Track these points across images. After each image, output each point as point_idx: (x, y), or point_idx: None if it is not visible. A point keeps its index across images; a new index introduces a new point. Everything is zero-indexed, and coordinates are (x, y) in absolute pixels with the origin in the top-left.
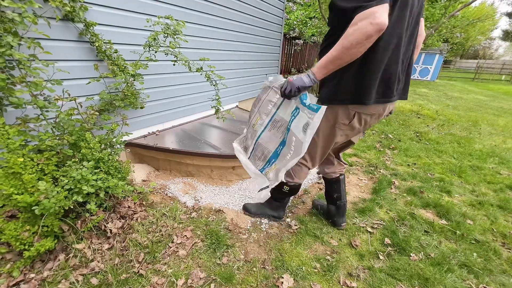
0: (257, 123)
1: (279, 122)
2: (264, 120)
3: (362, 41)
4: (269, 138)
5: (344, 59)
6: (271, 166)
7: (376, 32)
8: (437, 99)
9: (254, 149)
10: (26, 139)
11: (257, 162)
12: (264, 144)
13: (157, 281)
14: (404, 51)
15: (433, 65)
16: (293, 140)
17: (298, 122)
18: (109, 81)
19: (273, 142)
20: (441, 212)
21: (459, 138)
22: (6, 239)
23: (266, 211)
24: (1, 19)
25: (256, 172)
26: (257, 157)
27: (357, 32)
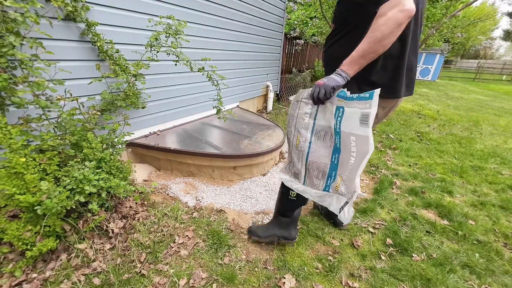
0: (300, 142)
1: (322, 131)
2: (306, 136)
3: (394, 30)
4: (319, 152)
5: (377, 52)
6: (336, 180)
7: (406, 19)
8: (438, 99)
9: (307, 171)
10: (28, 139)
11: (316, 182)
12: (317, 160)
13: (159, 281)
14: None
15: (434, 65)
16: (352, 140)
17: (350, 120)
18: (111, 81)
19: (325, 153)
20: (442, 213)
21: (460, 138)
22: (9, 239)
23: (275, 231)
24: (4, 19)
25: (321, 193)
26: (314, 177)
27: (389, 21)
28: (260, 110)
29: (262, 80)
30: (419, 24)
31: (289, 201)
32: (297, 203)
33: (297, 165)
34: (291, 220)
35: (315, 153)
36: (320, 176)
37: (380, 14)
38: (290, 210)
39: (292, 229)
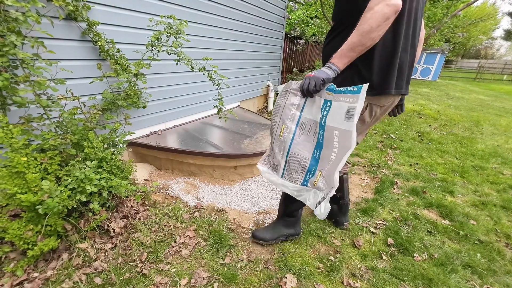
0: (284, 132)
1: (307, 124)
2: (291, 127)
3: (381, 23)
4: (302, 145)
5: (365, 44)
6: (315, 175)
7: (393, 13)
8: (438, 99)
9: (287, 163)
10: (29, 138)
11: (294, 176)
12: (298, 153)
13: (160, 280)
14: (411, 42)
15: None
16: (336, 134)
17: (336, 114)
18: (112, 80)
19: (307, 147)
20: (444, 212)
21: (461, 138)
22: (10, 238)
23: (282, 231)
24: (5, 18)
25: (299, 188)
26: (294, 171)
27: (376, 15)
28: (260, 110)
29: (263, 80)
30: (412, 24)
31: (295, 201)
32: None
33: (278, 156)
34: (295, 219)
35: (297, 145)
36: (300, 170)
37: (368, 9)
38: (295, 209)
39: (297, 226)
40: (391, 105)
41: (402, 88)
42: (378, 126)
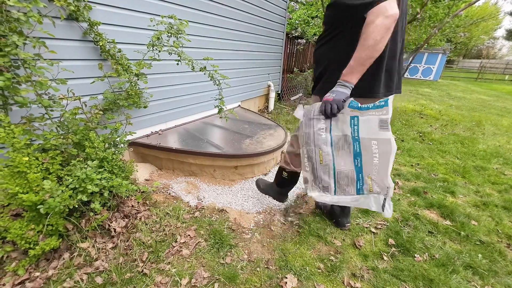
0: (323, 157)
1: (339, 141)
2: (328, 150)
3: (384, 34)
4: (342, 161)
5: (374, 57)
6: (365, 181)
7: (393, 22)
8: (440, 99)
9: (336, 182)
10: (31, 138)
11: (347, 189)
12: (342, 168)
13: (161, 280)
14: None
15: (436, 64)
16: (374, 143)
17: (368, 127)
18: (113, 80)
19: (347, 161)
20: (445, 213)
21: (463, 138)
22: (12, 237)
23: (269, 193)
24: (7, 18)
25: (357, 197)
26: (345, 185)
27: (377, 28)
28: (261, 109)
29: (264, 80)
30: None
31: (282, 178)
32: (289, 181)
33: (326, 179)
34: (281, 191)
35: (339, 163)
36: (349, 182)
37: (368, 22)
38: (281, 184)
39: (282, 196)
40: None
41: (393, 89)
42: None
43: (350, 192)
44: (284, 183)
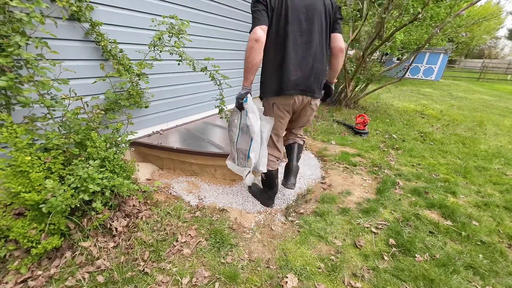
0: (232, 138)
1: (243, 128)
2: (235, 133)
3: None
4: (244, 142)
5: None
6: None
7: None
8: (441, 99)
9: (237, 155)
10: (33, 137)
11: (242, 162)
12: (241, 147)
13: (162, 279)
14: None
15: (438, 64)
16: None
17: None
18: (115, 80)
19: (246, 142)
20: (446, 213)
21: (464, 139)
22: (14, 236)
23: (257, 197)
24: (9, 19)
25: (243, 169)
26: (241, 159)
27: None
28: None
29: None
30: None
31: (263, 180)
32: (268, 183)
33: (233, 152)
34: (266, 195)
35: (242, 144)
36: (244, 157)
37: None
38: (265, 187)
39: (268, 200)
40: (301, 103)
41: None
42: (380, 126)
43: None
44: (264, 185)
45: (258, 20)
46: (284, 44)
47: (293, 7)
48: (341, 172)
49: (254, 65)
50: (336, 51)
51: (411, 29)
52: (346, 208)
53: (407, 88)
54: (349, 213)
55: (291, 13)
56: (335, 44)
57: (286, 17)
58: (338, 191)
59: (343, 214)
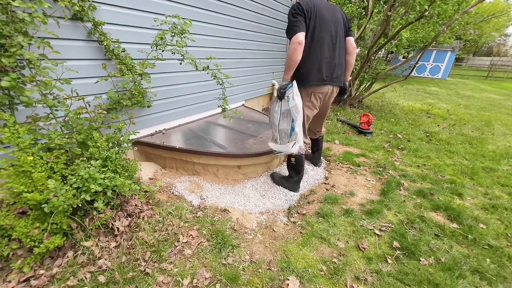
0: (274, 122)
1: (286, 112)
2: (276, 117)
3: (293, 53)
4: (286, 125)
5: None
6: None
7: (297, 45)
8: (448, 98)
9: (280, 135)
10: (36, 137)
11: (285, 140)
12: (283, 128)
13: (163, 280)
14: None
15: (445, 62)
16: (293, 110)
17: (290, 100)
18: (117, 80)
19: (288, 124)
20: (452, 215)
21: (471, 139)
22: (17, 235)
23: (284, 185)
24: (12, 19)
25: (286, 145)
26: (284, 138)
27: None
28: (265, 108)
29: (268, 79)
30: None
31: (291, 164)
32: (296, 167)
33: (275, 133)
34: (294, 180)
35: (285, 126)
36: (286, 136)
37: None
38: (291, 170)
39: (295, 185)
40: (330, 93)
41: (325, 82)
42: (385, 125)
43: (285, 143)
44: (294, 168)
45: (298, 28)
46: (321, 47)
47: (324, 18)
48: (345, 173)
49: (296, 63)
50: (351, 49)
51: (417, 27)
52: (350, 209)
53: (413, 87)
54: (353, 214)
55: (324, 24)
56: (349, 44)
57: (320, 26)
58: (341, 192)
59: (346, 215)
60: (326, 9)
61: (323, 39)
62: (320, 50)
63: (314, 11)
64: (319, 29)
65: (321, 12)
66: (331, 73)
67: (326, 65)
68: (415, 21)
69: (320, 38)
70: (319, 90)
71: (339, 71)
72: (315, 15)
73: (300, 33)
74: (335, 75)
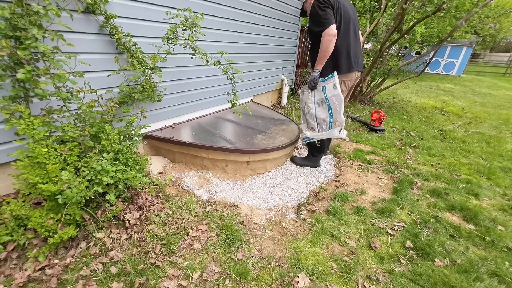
0: (310, 111)
1: (320, 101)
2: (312, 106)
3: (329, 44)
4: (322, 113)
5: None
6: (332, 122)
7: (333, 37)
8: (463, 95)
9: (318, 123)
10: (50, 129)
11: (324, 127)
12: (321, 116)
13: (173, 273)
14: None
15: (460, 58)
16: (333, 99)
17: (329, 90)
18: (128, 73)
19: (325, 112)
20: (468, 216)
21: (488, 137)
22: (32, 225)
23: (307, 163)
24: (27, 11)
25: (330, 131)
26: (323, 125)
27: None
28: (274, 104)
29: (277, 74)
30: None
31: (315, 148)
32: (320, 148)
33: (312, 122)
34: (316, 158)
35: (321, 114)
36: (325, 124)
37: (321, 39)
38: (316, 152)
39: (317, 161)
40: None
41: (353, 68)
42: (397, 123)
43: (326, 129)
44: (317, 151)
45: (330, 20)
46: (347, 36)
47: (346, 8)
48: (355, 170)
49: (329, 54)
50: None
51: (433, 21)
52: (361, 208)
53: (426, 84)
54: (364, 212)
55: (346, 14)
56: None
57: (344, 16)
58: (351, 190)
59: (357, 213)
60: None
61: (349, 29)
62: (346, 40)
63: (338, 2)
64: (344, 20)
65: (343, 2)
66: (357, 59)
67: (353, 53)
68: (431, 15)
69: (346, 28)
70: (349, 77)
71: (361, 58)
72: (339, 6)
73: (333, 25)
74: (360, 62)
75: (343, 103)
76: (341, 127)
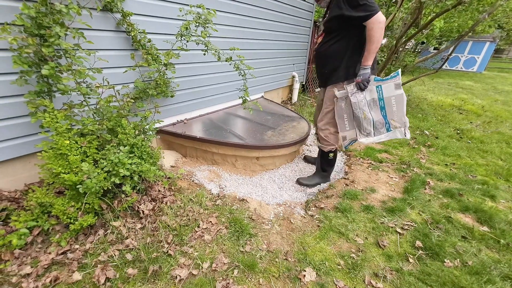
0: (366, 116)
1: (372, 103)
2: (367, 109)
3: (381, 33)
4: (376, 115)
5: (378, 47)
6: (390, 123)
7: (384, 25)
8: (483, 93)
9: (375, 128)
10: (71, 123)
11: (381, 130)
12: (376, 119)
13: (184, 262)
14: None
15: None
16: (392, 99)
17: (388, 90)
18: (143, 70)
19: (378, 113)
20: (482, 218)
21: (509, 138)
22: (55, 212)
23: (318, 181)
24: (51, 10)
25: (388, 134)
26: (380, 128)
27: (378, 31)
28: (285, 101)
29: (288, 70)
30: None
31: (328, 161)
32: (333, 161)
33: (368, 128)
34: (327, 174)
35: (374, 117)
36: (382, 126)
37: (369, 29)
38: (328, 166)
39: (327, 178)
40: None
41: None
42: (411, 121)
43: (383, 132)
44: (329, 165)
45: (376, 6)
46: None
47: None
48: (366, 168)
49: (379, 46)
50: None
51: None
52: (370, 206)
53: (444, 81)
54: (373, 211)
55: None
56: None
57: None
58: (361, 188)
59: (366, 211)
60: None
61: None
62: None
63: None
64: None
65: None
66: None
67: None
68: (451, 8)
69: None
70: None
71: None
72: None
73: (380, 12)
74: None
75: (404, 101)
76: (404, 128)
